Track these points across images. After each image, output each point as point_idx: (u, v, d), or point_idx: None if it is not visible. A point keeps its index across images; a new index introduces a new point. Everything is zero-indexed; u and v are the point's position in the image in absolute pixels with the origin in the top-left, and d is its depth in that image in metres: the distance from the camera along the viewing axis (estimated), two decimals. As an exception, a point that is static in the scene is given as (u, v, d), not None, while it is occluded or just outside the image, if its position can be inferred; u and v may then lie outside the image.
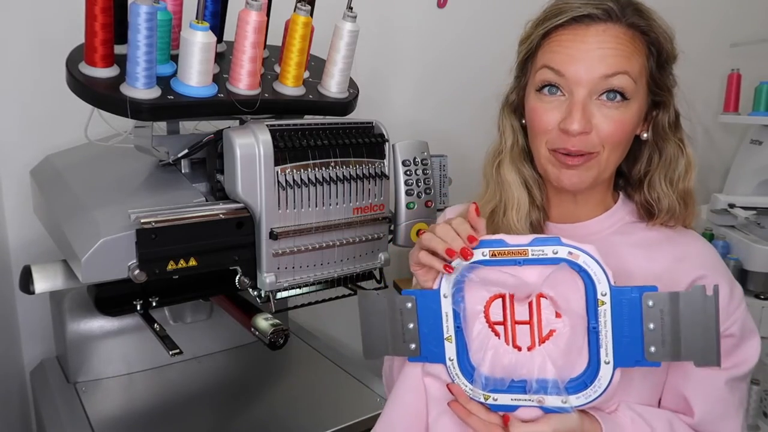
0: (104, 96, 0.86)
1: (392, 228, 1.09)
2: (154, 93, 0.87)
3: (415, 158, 1.09)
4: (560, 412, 0.65)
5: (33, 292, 0.96)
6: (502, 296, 0.67)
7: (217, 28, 1.00)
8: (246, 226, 0.92)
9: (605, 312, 0.63)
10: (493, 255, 0.66)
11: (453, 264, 0.67)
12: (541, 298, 0.65)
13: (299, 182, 0.94)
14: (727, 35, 2.28)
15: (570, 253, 0.64)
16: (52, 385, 1.18)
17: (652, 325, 0.62)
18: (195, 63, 0.88)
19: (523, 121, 0.81)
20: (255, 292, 0.98)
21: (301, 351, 1.37)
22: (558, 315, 0.65)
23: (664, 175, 0.77)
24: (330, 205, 0.98)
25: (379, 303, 0.71)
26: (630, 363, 0.63)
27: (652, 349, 0.62)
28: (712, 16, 2.24)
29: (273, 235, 0.93)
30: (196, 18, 0.98)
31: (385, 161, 1.04)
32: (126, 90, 0.86)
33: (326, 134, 0.98)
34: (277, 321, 0.96)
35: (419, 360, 0.70)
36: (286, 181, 0.93)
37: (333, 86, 1.05)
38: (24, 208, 1.26)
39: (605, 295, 0.63)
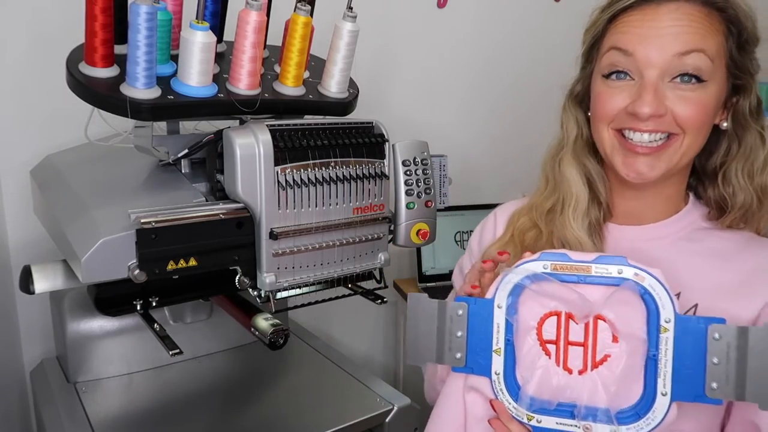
0: (104, 96, 0.86)
1: (392, 228, 1.09)
2: (154, 93, 0.87)
3: (415, 158, 1.09)
4: None
5: (33, 292, 0.96)
6: (558, 314, 0.63)
7: (217, 28, 1.00)
8: (246, 226, 0.92)
9: (667, 340, 0.59)
10: (555, 269, 0.63)
11: (511, 272, 0.64)
12: (599, 321, 0.62)
13: (299, 182, 0.94)
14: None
15: (636, 274, 0.60)
16: (52, 385, 1.18)
17: (716, 360, 0.58)
18: (195, 63, 0.88)
19: (589, 113, 0.76)
20: (255, 292, 0.98)
21: (301, 351, 1.37)
22: (615, 340, 0.61)
23: (741, 166, 0.71)
24: (330, 205, 0.98)
25: (429, 307, 0.67)
26: (689, 398, 0.59)
27: (714, 385, 0.58)
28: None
29: (273, 235, 0.93)
30: (196, 18, 0.98)
31: (385, 161, 1.04)
32: (126, 90, 0.86)
33: (326, 134, 0.98)
34: (277, 321, 0.96)
35: (464, 371, 0.67)
36: (286, 181, 0.93)
37: (333, 86, 1.05)
38: (24, 208, 1.26)
39: (669, 322, 0.59)
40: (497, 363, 0.65)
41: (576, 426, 0.61)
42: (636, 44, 0.66)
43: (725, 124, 0.72)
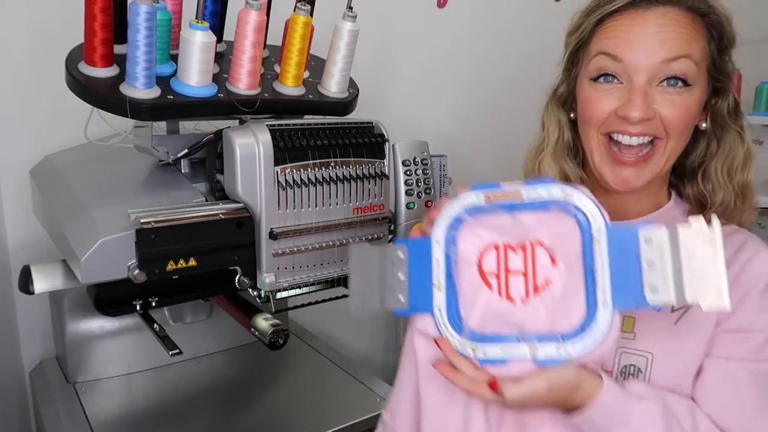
0: (104, 96, 0.86)
1: (392, 228, 1.09)
2: (154, 93, 0.87)
3: (415, 158, 1.09)
4: (554, 364, 0.59)
5: (32, 292, 0.96)
6: (497, 246, 0.63)
7: (217, 28, 1.00)
8: (246, 226, 0.92)
9: (601, 250, 0.59)
10: (488, 198, 0.63)
11: (445, 208, 0.64)
12: (536, 247, 0.62)
13: (299, 182, 0.94)
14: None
15: (564, 192, 0.61)
16: (51, 385, 1.18)
17: (651, 263, 0.57)
18: (195, 63, 0.88)
19: (572, 115, 0.77)
20: (255, 292, 0.98)
21: (301, 351, 1.37)
22: (554, 263, 0.61)
23: (721, 165, 0.73)
24: (330, 205, 0.98)
25: (371, 255, 0.67)
26: (629, 304, 0.58)
27: (653, 289, 0.57)
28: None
29: (273, 235, 0.93)
30: (196, 18, 0.98)
31: (385, 161, 1.04)
32: (126, 90, 0.86)
33: (326, 134, 0.97)
34: (277, 321, 0.96)
35: (407, 312, 0.66)
36: (286, 181, 0.93)
37: (333, 86, 1.05)
38: (24, 208, 1.26)
39: (600, 232, 0.59)
40: (439, 298, 0.64)
41: (522, 350, 0.60)
42: (625, 49, 0.68)
43: (704, 125, 0.73)
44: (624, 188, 0.71)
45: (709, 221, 0.72)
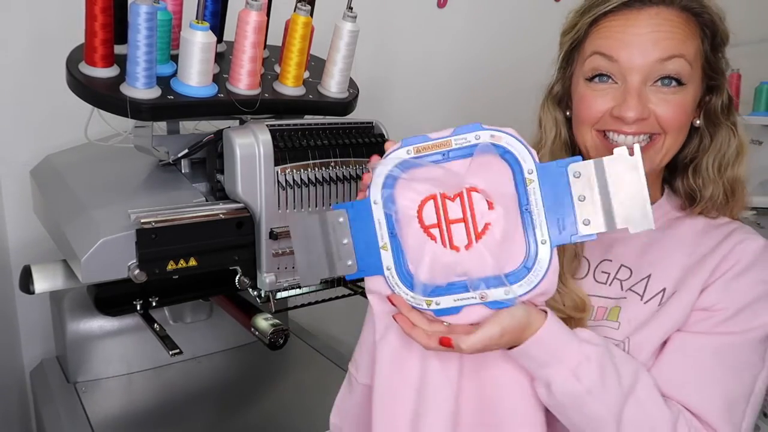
0: (104, 96, 0.86)
1: (392, 228, 1.09)
2: (154, 93, 0.87)
3: (415, 158, 1.09)
4: (505, 306, 0.61)
5: (33, 292, 0.96)
6: (434, 197, 0.64)
7: (217, 28, 1.00)
8: (246, 226, 0.92)
9: (534, 190, 0.61)
10: (418, 151, 0.64)
11: (378, 165, 0.65)
12: (472, 193, 0.63)
13: (299, 182, 0.94)
14: (727, 35, 2.28)
15: (492, 135, 0.62)
16: (52, 385, 1.18)
17: (582, 197, 0.60)
18: (195, 63, 0.88)
19: (568, 113, 0.78)
20: (255, 292, 0.98)
21: (301, 351, 1.37)
22: (491, 207, 0.62)
23: (712, 160, 0.74)
24: (330, 205, 0.98)
25: (311, 223, 0.67)
26: (566, 238, 0.61)
27: (586, 221, 0.60)
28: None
29: (273, 235, 0.93)
30: (196, 18, 0.98)
31: (385, 161, 1.03)
32: (126, 90, 0.86)
33: (326, 134, 0.97)
34: (277, 321, 0.96)
35: (356, 275, 0.67)
36: (286, 181, 0.93)
37: (333, 86, 1.05)
38: (24, 208, 1.26)
39: (531, 173, 0.61)
40: (387, 258, 0.65)
41: (473, 297, 0.62)
42: (619, 50, 0.69)
43: (698, 122, 0.75)
44: None
45: (701, 213, 0.75)
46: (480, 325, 0.62)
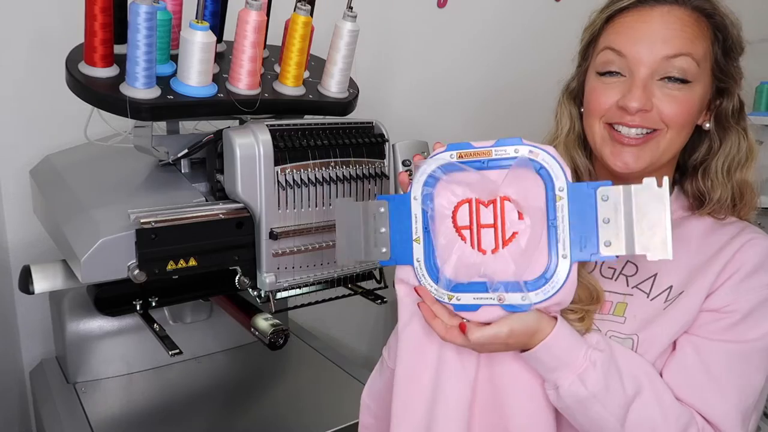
0: (104, 96, 0.86)
1: (392, 228, 1.09)
2: (154, 93, 0.87)
3: (415, 158, 1.09)
4: (520, 311, 0.65)
5: (32, 292, 0.96)
6: (469, 201, 0.68)
7: (217, 28, 1.00)
8: (246, 226, 0.92)
9: (562, 207, 0.64)
10: (460, 156, 0.68)
11: (423, 164, 0.69)
12: (505, 202, 0.67)
13: (299, 182, 0.94)
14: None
15: (531, 151, 0.66)
16: (51, 385, 1.18)
17: (606, 219, 0.63)
18: (195, 63, 0.88)
19: (582, 109, 0.80)
20: (255, 292, 0.98)
21: (301, 351, 1.37)
22: (521, 217, 0.66)
23: (722, 162, 0.75)
24: (330, 205, 0.98)
25: (354, 209, 0.73)
26: (586, 256, 0.64)
27: (607, 242, 0.63)
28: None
29: (273, 235, 0.93)
30: (196, 18, 0.98)
31: (385, 161, 1.04)
32: (126, 90, 0.86)
33: (326, 134, 0.97)
34: (277, 321, 0.96)
35: (389, 263, 0.72)
36: (286, 181, 0.93)
37: (333, 86, 1.05)
38: (24, 208, 1.26)
39: (562, 190, 0.64)
40: (417, 251, 0.70)
41: (491, 298, 0.66)
42: (629, 45, 0.71)
43: (708, 125, 0.76)
44: (623, 169, 0.73)
45: (709, 214, 0.76)
46: (491, 324, 0.66)
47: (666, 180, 0.60)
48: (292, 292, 1.01)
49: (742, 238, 0.73)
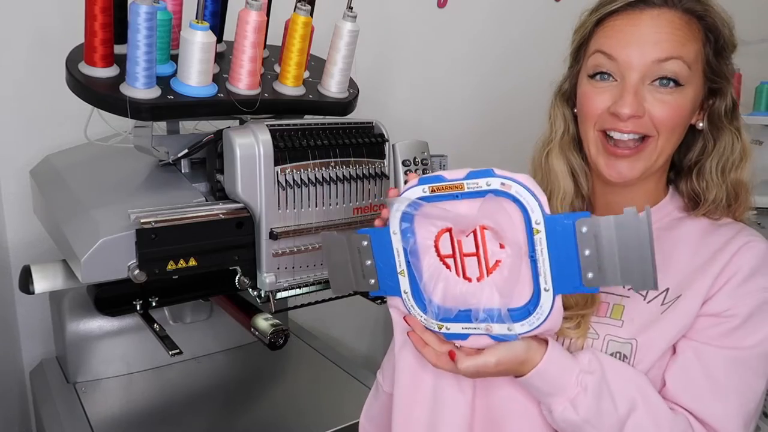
0: (104, 96, 0.86)
1: (392, 228, 1.09)
2: (154, 93, 0.87)
3: (415, 158, 1.09)
4: (507, 340, 0.65)
5: (32, 292, 0.96)
6: (449, 230, 0.67)
7: (217, 28, 1.00)
8: (246, 226, 0.92)
9: (541, 240, 0.63)
10: (432, 191, 0.67)
11: (396, 201, 0.68)
12: (485, 230, 0.66)
13: (299, 182, 0.94)
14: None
15: (503, 183, 0.63)
16: (51, 385, 1.18)
17: (587, 251, 0.61)
18: (195, 63, 0.88)
19: (575, 110, 0.80)
20: (255, 292, 0.98)
21: (301, 351, 1.37)
22: (502, 246, 0.65)
23: (716, 163, 0.75)
24: (330, 205, 0.98)
25: (339, 242, 0.73)
26: (569, 289, 0.63)
27: (590, 275, 0.62)
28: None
29: (273, 235, 0.93)
30: (196, 18, 0.98)
31: (385, 161, 1.04)
32: (126, 90, 0.86)
33: (326, 134, 0.97)
34: (277, 321, 0.96)
35: (379, 293, 0.72)
36: (286, 181, 0.93)
37: (333, 86, 1.05)
38: (24, 208, 1.26)
39: (539, 223, 0.62)
40: (404, 283, 0.70)
41: (477, 328, 0.66)
42: (619, 49, 0.71)
43: (701, 125, 0.76)
44: (618, 179, 0.73)
45: (704, 215, 0.76)
46: (477, 354, 0.66)
47: (647, 210, 0.59)
48: (292, 292, 1.01)
49: (739, 241, 0.72)
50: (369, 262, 0.71)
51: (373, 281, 0.72)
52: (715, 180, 0.75)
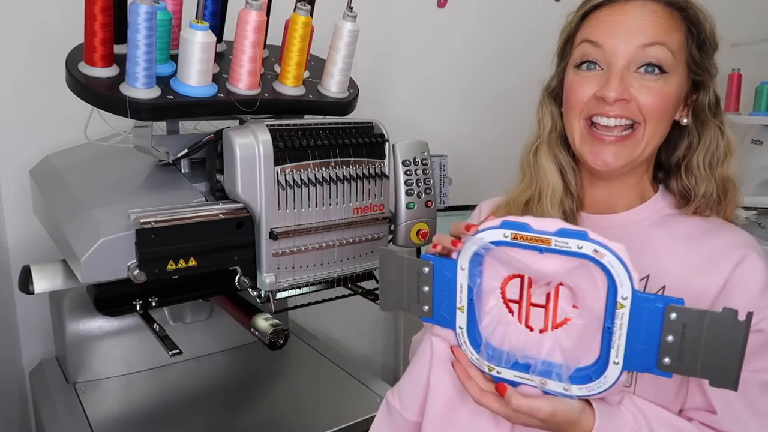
0: (104, 96, 0.86)
1: (392, 228, 1.09)
2: (154, 93, 0.87)
3: (415, 158, 1.09)
4: (560, 396, 0.64)
5: (32, 292, 0.96)
6: (521, 276, 0.65)
7: (217, 28, 1.00)
8: (246, 226, 0.92)
9: (623, 315, 0.60)
10: (515, 238, 0.63)
11: (471, 239, 0.65)
12: (561, 287, 0.63)
13: (299, 182, 0.94)
14: (728, 35, 2.28)
15: (595, 250, 0.60)
16: (51, 385, 1.18)
17: (671, 338, 0.59)
18: (195, 63, 0.88)
19: (562, 109, 0.81)
20: (255, 292, 0.98)
21: (301, 351, 1.37)
22: (575, 306, 0.63)
23: (702, 158, 0.76)
24: (330, 205, 0.98)
25: (398, 262, 0.70)
26: (640, 369, 0.61)
27: (667, 360, 0.59)
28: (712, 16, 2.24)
29: (273, 235, 0.93)
30: (196, 18, 0.98)
31: (385, 161, 1.04)
32: (126, 90, 0.86)
33: (326, 134, 0.97)
34: (277, 321, 0.96)
35: (431, 321, 0.70)
36: (286, 181, 0.93)
37: (333, 86, 1.05)
38: (24, 208, 1.26)
39: (626, 299, 0.60)
40: (461, 319, 0.68)
41: (532, 380, 0.64)
42: (605, 37, 0.72)
43: (685, 120, 0.77)
44: (603, 168, 0.74)
45: (696, 212, 0.76)
46: (533, 397, 0.64)
47: (749, 315, 0.56)
48: (292, 292, 1.01)
49: (736, 254, 0.71)
50: (427, 289, 0.69)
51: (427, 308, 0.69)
52: (703, 174, 0.76)
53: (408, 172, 1.08)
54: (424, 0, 1.74)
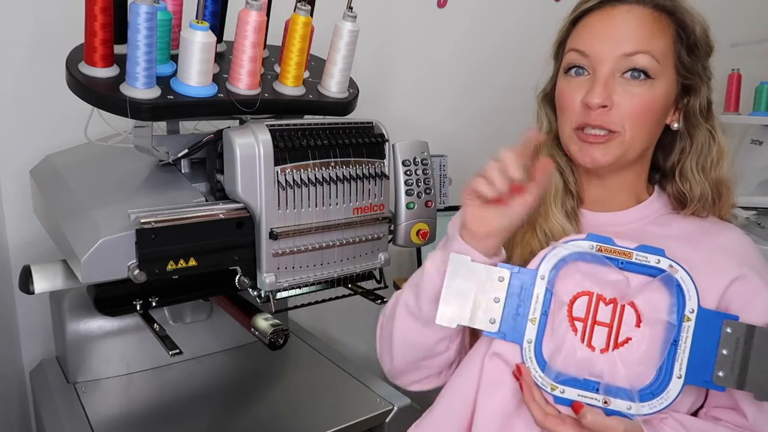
0: (104, 96, 0.86)
1: (392, 228, 1.09)
2: (154, 93, 0.87)
3: (415, 158, 1.09)
4: (621, 416, 0.65)
5: (32, 292, 0.96)
6: (590, 294, 0.67)
7: (217, 28, 1.00)
8: (246, 226, 0.92)
9: (689, 329, 0.65)
10: (599, 250, 0.67)
11: (561, 246, 0.68)
12: (626, 306, 0.67)
13: (299, 182, 0.94)
14: (727, 35, 2.28)
15: (671, 266, 0.66)
16: (51, 385, 1.18)
17: (725, 351, 0.64)
18: (195, 63, 0.88)
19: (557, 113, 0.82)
20: (255, 292, 0.98)
21: (301, 351, 1.37)
22: (638, 325, 0.66)
23: (695, 162, 0.77)
24: (330, 205, 0.98)
25: (471, 269, 0.68)
26: (699, 382, 0.65)
27: (721, 373, 0.64)
28: (711, 16, 2.23)
29: (273, 235, 0.93)
30: (196, 18, 0.98)
31: (385, 161, 1.04)
32: (126, 90, 0.86)
33: (326, 134, 0.97)
34: (277, 321, 0.96)
35: (496, 335, 0.69)
36: (286, 181, 0.93)
37: (333, 86, 1.05)
38: (24, 208, 1.26)
39: (693, 312, 0.65)
40: (531, 331, 0.68)
41: (595, 399, 0.65)
42: (590, 44, 0.74)
43: (676, 125, 0.78)
44: (592, 165, 0.75)
45: (693, 214, 0.77)
46: (609, 416, 0.65)
47: None
48: (292, 292, 1.01)
49: (736, 241, 0.74)
50: (498, 299, 0.68)
51: (493, 320, 0.68)
52: (697, 178, 0.77)
53: (408, 172, 1.08)
54: (424, 0, 1.74)
